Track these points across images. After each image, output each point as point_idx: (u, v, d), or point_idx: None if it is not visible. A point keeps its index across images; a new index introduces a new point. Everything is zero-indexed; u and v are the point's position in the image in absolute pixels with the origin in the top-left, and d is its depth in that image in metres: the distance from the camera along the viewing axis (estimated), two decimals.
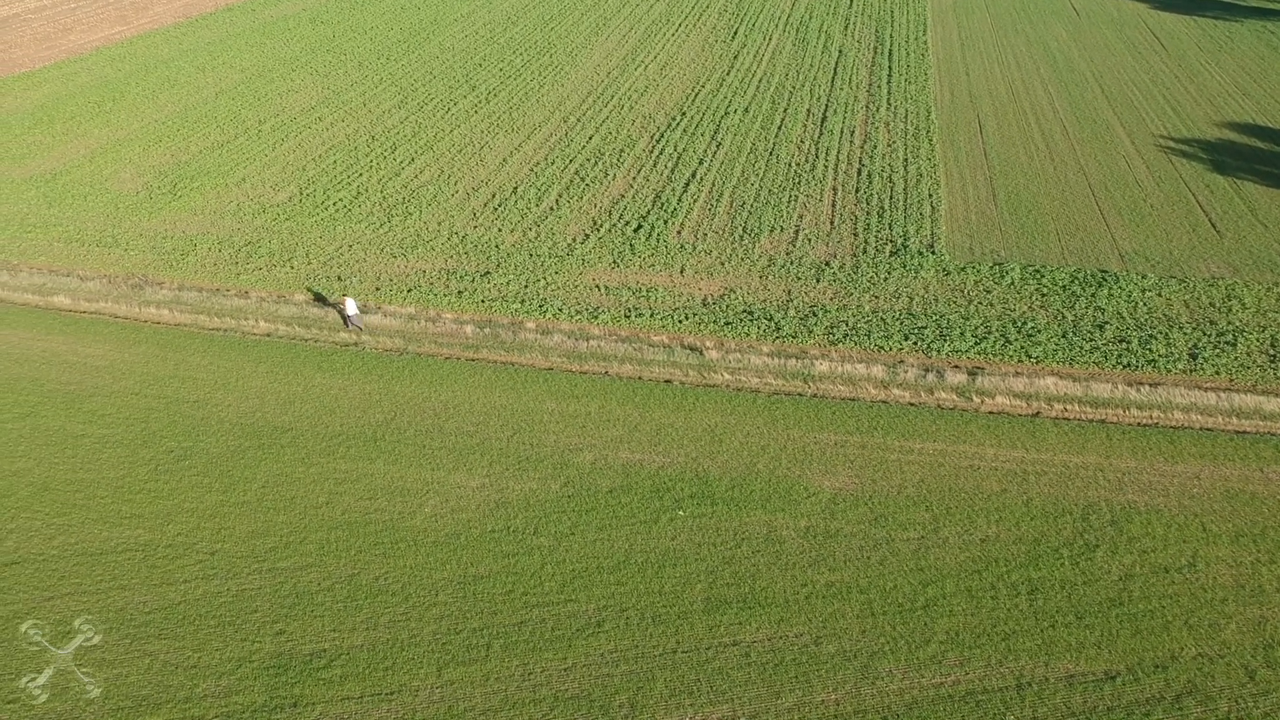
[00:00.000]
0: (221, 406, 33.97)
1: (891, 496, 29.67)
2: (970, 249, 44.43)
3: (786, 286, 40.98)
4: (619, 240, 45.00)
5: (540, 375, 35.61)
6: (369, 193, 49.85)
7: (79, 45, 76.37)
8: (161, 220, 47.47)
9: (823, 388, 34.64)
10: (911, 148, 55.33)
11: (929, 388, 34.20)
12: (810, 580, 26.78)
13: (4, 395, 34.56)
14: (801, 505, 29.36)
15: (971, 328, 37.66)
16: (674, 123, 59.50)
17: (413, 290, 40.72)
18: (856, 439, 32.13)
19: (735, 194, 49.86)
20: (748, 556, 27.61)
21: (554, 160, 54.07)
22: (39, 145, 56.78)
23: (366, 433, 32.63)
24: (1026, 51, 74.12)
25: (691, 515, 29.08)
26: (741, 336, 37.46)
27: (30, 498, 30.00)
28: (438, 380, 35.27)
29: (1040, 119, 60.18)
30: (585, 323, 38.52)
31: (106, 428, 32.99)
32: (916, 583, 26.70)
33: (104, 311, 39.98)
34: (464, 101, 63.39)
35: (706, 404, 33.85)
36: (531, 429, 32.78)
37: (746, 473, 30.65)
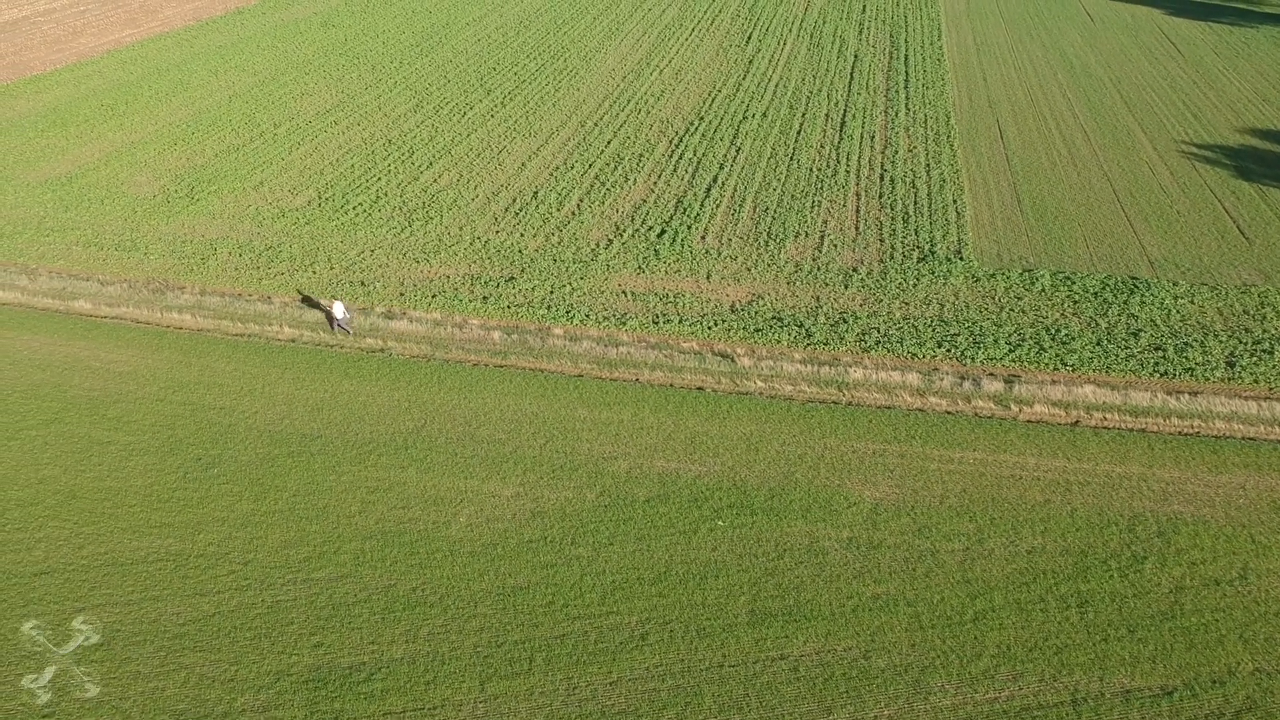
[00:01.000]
0: (248, 413, 33.44)
1: (934, 507, 29.15)
2: (998, 255, 43.95)
3: (815, 293, 40.49)
4: (643, 246, 44.52)
5: (570, 382, 35.10)
6: (388, 197, 49.36)
7: (89, 48, 75.92)
8: (180, 224, 46.96)
9: (858, 395, 34.14)
10: (933, 153, 54.88)
11: (966, 396, 33.70)
12: (856, 592, 26.25)
13: (28, 402, 34.01)
14: (843, 516, 28.84)
15: (1005, 335, 37.18)
16: (692, 127, 59.06)
17: (437, 296, 40.21)
18: (895, 448, 31.62)
19: (758, 199, 49.40)
20: (791, 568, 27.07)
21: (573, 165, 53.58)
22: (53, 148, 56.29)
23: (397, 440, 32.09)
24: (1043, 57, 73.71)
25: (731, 525, 28.57)
26: (772, 344, 36.95)
27: (58, 506, 29.46)
28: (466, 387, 34.74)
29: (1061, 124, 59.75)
30: (613, 329, 38.01)
31: (132, 435, 32.45)
32: (964, 595, 26.17)
33: (125, 316, 39.47)
34: (480, 105, 62.92)
35: (740, 412, 33.34)
36: (564, 437, 32.27)
37: (785, 482, 30.14)
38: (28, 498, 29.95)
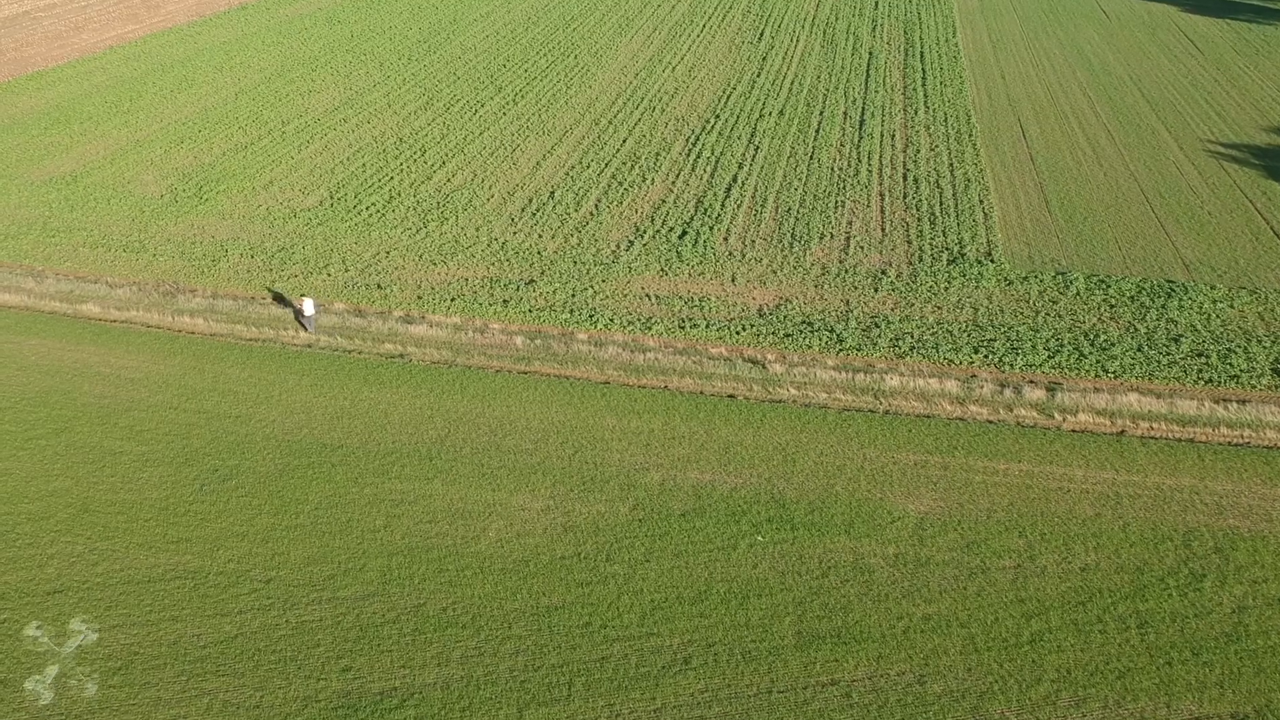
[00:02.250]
0: (265, 422, 32.25)
1: (981, 521, 28.01)
2: (1029, 257, 42.83)
3: (844, 296, 39.33)
4: (664, 247, 43.34)
5: (597, 389, 33.91)
6: (402, 197, 48.12)
7: (92, 44, 74.57)
8: (188, 224, 45.71)
9: (895, 404, 33.02)
10: (955, 152, 53.77)
11: (1007, 404, 32.57)
12: (906, 613, 25.10)
13: (36, 409, 32.78)
14: (887, 530, 27.67)
15: (1042, 340, 36.06)
16: (708, 126, 57.90)
17: (456, 299, 39.00)
18: (937, 459, 30.48)
19: (779, 199, 48.24)
20: (836, 586, 25.92)
21: (589, 164, 52.37)
22: (57, 146, 54.99)
23: (421, 450, 30.91)
24: (1060, 54, 72.62)
25: (771, 541, 27.46)
26: (803, 349, 35.80)
27: (70, 520, 28.28)
28: (490, 394, 33.56)
29: (1083, 123, 58.66)
30: (638, 334, 36.85)
31: (145, 444, 31.24)
32: (1019, 615, 25.07)
33: (135, 320, 38.26)
34: (491, 103, 61.68)
35: (774, 421, 32.19)
36: (593, 447, 31.10)
37: (825, 494, 28.98)
38: (39, 511, 28.73)
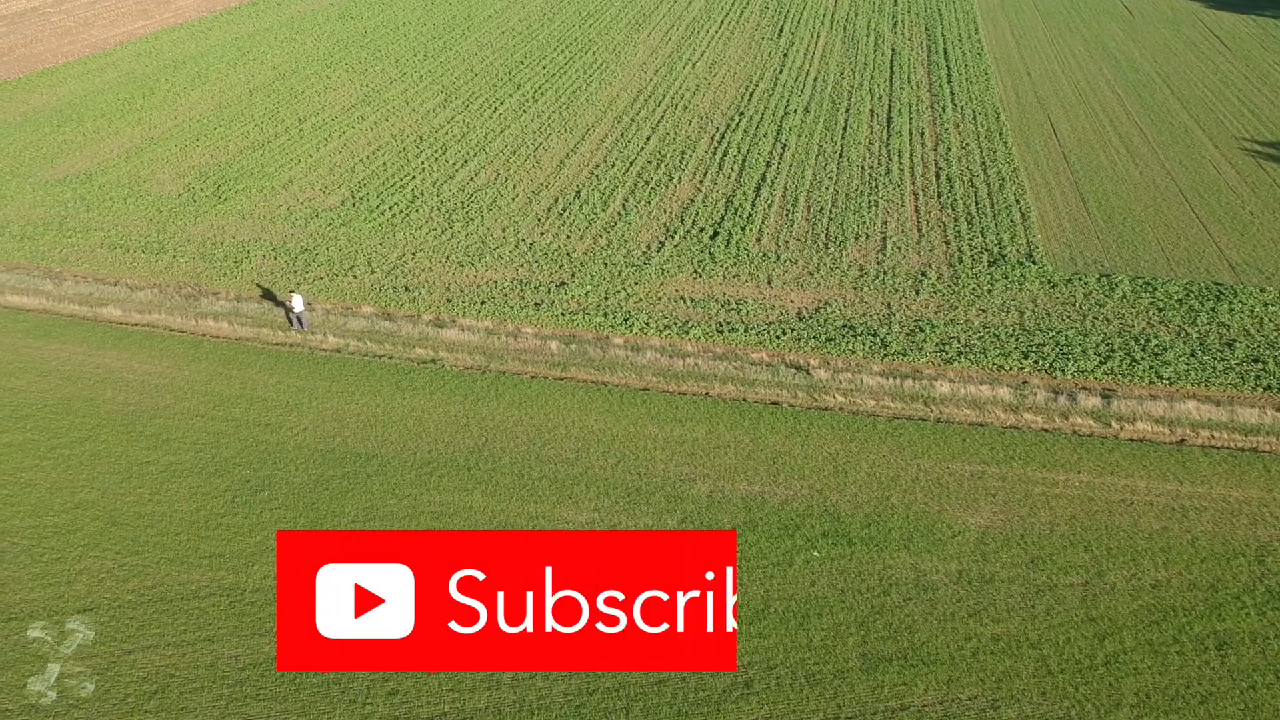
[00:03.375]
0: (296, 430, 31.07)
1: (1045, 535, 26.86)
2: (1071, 259, 41.69)
3: (884, 299, 38.17)
4: (696, 248, 42.19)
5: (636, 396, 32.77)
6: (425, 196, 46.97)
7: (102, 40, 73.37)
8: (208, 225, 44.54)
9: (946, 411, 31.86)
10: (987, 150, 52.59)
11: (1062, 412, 31.42)
12: (974, 633, 23.94)
13: (60, 417, 31.64)
14: (948, 546, 26.52)
15: (1092, 345, 34.92)
16: (733, 123, 56.75)
17: (486, 302, 37.85)
18: (994, 469, 29.32)
19: (811, 199, 47.07)
20: (899, 605, 24.77)
21: (614, 162, 51.21)
22: (70, 144, 53.82)
23: (458, 460, 29.76)
24: (1085, 51, 71.40)
25: (827, 556, 26.33)
26: (847, 354, 34.65)
27: (98, 533, 27.12)
28: (526, 401, 32.39)
29: (1114, 121, 57.49)
30: (676, 338, 35.69)
31: (173, 454, 30.07)
32: (1091, 635, 23.90)
33: (157, 324, 37.10)
34: (510, 100, 60.51)
35: (822, 429, 31.03)
36: (636, 456, 29.94)
37: (880, 507, 27.81)
38: (65, 524, 27.59)
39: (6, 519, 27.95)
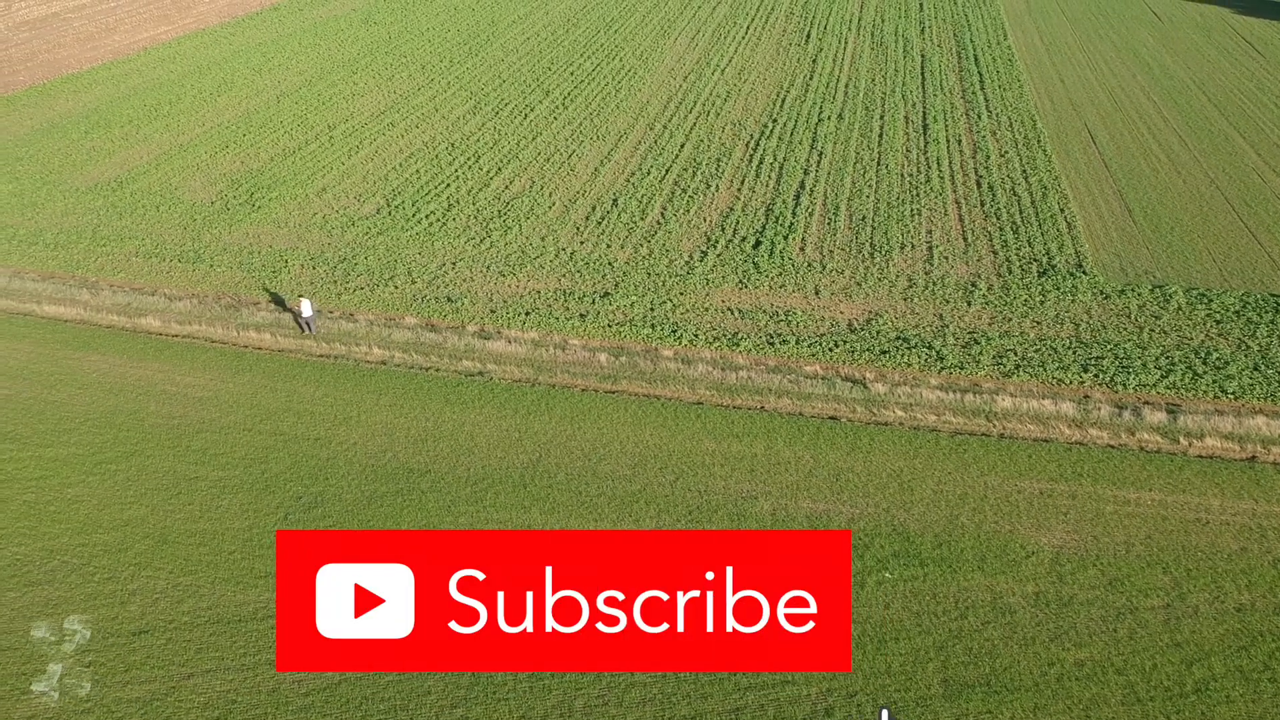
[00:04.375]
0: (346, 445, 30.37)
1: (1121, 556, 26.08)
2: (1121, 269, 40.92)
3: (936, 310, 37.42)
4: (739, 258, 41.47)
5: (690, 410, 32.03)
6: (461, 205, 46.30)
7: (124, 46, 72.85)
8: (243, 233, 43.88)
9: (1010, 427, 31.10)
10: (1026, 159, 51.85)
11: (1128, 427, 30.62)
12: (1057, 658, 23.16)
13: (103, 431, 30.96)
14: (1023, 567, 25.75)
15: (1152, 358, 34.14)
16: (767, 130, 56.04)
17: (531, 313, 37.15)
18: (1062, 487, 28.54)
19: (852, 207, 46.34)
20: (978, 629, 23.99)
21: (649, 170, 50.52)
22: (99, 151, 53.24)
23: (513, 476, 29.04)
24: (1116, 58, 70.64)
25: (900, 578, 25.49)
26: (903, 367, 33.89)
27: (149, 552, 26.43)
28: (578, 415, 31.68)
29: (1152, 129, 56.72)
30: (726, 350, 34.97)
31: (222, 469, 29.37)
32: (1178, 661, 23.12)
33: (198, 335, 36.44)
34: (540, 107, 59.87)
35: (884, 445, 30.27)
36: (695, 473, 29.20)
37: (950, 527, 27.04)
38: (115, 542, 26.88)
39: (55, 536, 27.28)
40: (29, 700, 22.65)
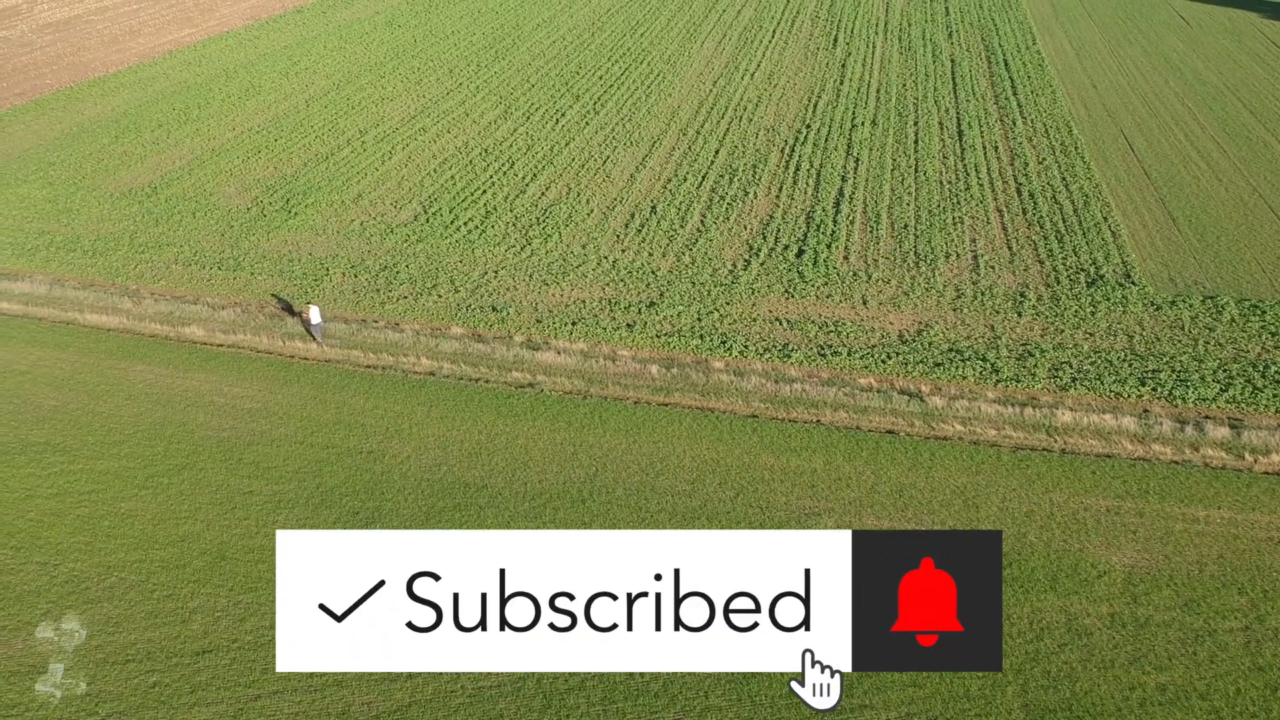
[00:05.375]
0: (400, 458, 29.99)
1: (1194, 576, 25.64)
2: (1170, 279, 40.45)
3: (986, 321, 36.96)
4: (783, 267, 41.06)
5: (745, 424, 31.63)
6: (499, 212, 45.93)
7: (149, 49, 72.57)
8: (281, 240, 43.52)
9: (1071, 442, 30.66)
10: (1065, 166, 51.36)
11: (1191, 443, 30.18)
12: (1138, 683, 22.72)
13: (153, 443, 30.61)
14: (1096, 587, 25.31)
15: (1209, 371, 33.70)
16: (801, 136, 55.61)
17: (577, 323, 36.77)
18: (1129, 504, 28.09)
19: (893, 215, 45.91)
20: (1054, 651, 23.58)
21: (685, 176, 50.14)
22: (130, 156, 52.93)
23: (570, 491, 28.65)
24: (1147, 62, 70.14)
25: None
26: (958, 380, 33.44)
27: (207, 569, 26.04)
28: (633, 428, 31.27)
29: (1189, 135, 56.21)
30: (778, 362, 34.55)
31: (276, 483, 29.00)
32: (1262, 686, 22.68)
33: (243, 344, 36.08)
34: (571, 112, 59.47)
35: (945, 460, 29.83)
36: (755, 489, 28.79)
37: (1018, 545, 26.60)
38: (172, 559, 26.50)
39: (112, 552, 26.94)
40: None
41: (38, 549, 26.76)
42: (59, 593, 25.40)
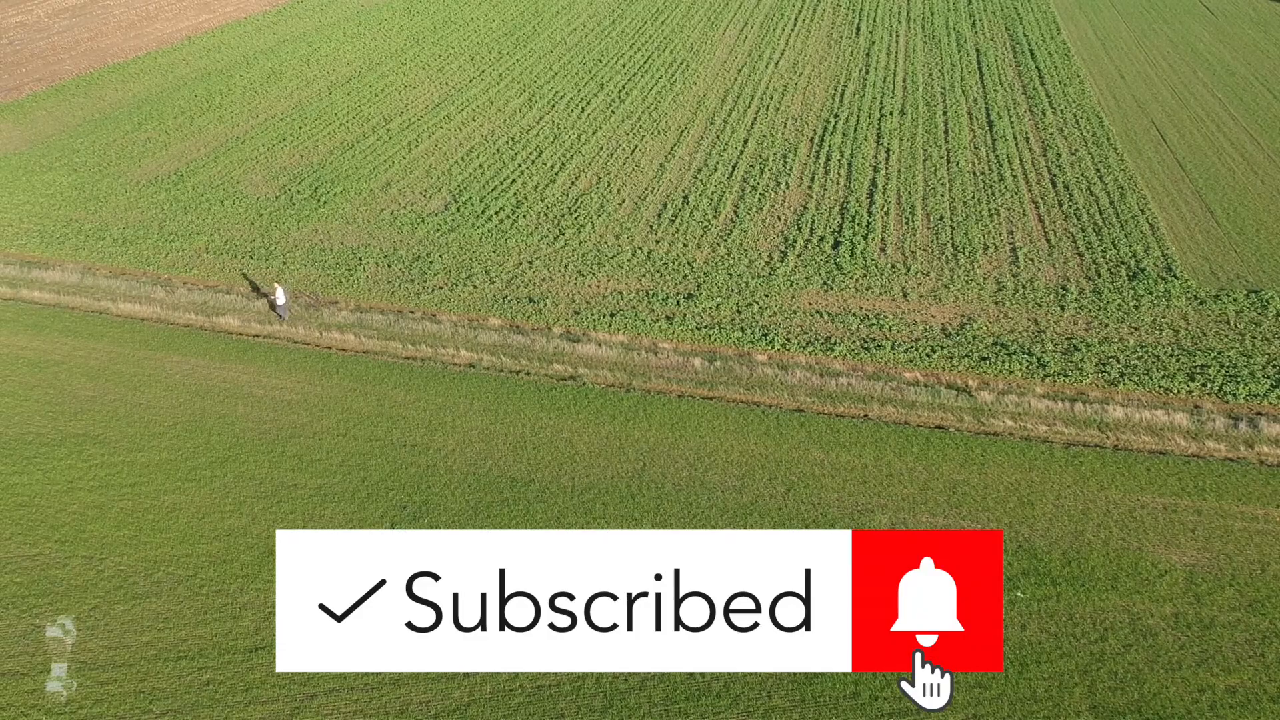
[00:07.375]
0: (445, 452, 29.61)
1: (1257, 576, 25.28)
2: (1211, 273, 39.98)
3: (1029, 314, 36.53)
4: (820, 258, 40.60)
5: (791, 418, 31.24)
6: (530, 202, 45.44)
7: (167, 34, 71.99)
8: (311, 230, 43.08)
9: (1124, 438, 30.30)
10: (1098, 157, 50.83)
11: (1245, 440, 29.75)
12: (1207, 684, 22.36)
13: (194, 435, 30.22)
14: (1157, 587, 24.91)
15: (1259, 366, 33.27)
16: (829, 125, 55.07)
17: (616, 315, 36.34)
18: (1186, 502, 27.68)
19: (928, 206, 45.42)
20: (1119, 652, 23.19)
21: (715, 166, 49.65)
22: (154, 143, 52.42)
23: (619, 486, 28.26)
24: (1174, 53, 69.47)
25: (1032, 598, 24.60)
26: (1005, 374, 33.02)
27: (256, 564, 25.66)
28: (679, 422, 30.88)
29: (1221, 127, 55.67)
30: (821, 355, 34.16)
31: (320, 477, 28.59)
32: None
33: (279, 335, 35.66)
34: (596, 100, 58.96)
35: (997, 457, 29.44)
36: (805, 484, 28.38)
37: (1076, 543, 26.22)
38: (219, 553, 26.15)
39: (157, 546, 26.59)
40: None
41: (82, 543, 26.42)
42: (106, 588, 25.09)
